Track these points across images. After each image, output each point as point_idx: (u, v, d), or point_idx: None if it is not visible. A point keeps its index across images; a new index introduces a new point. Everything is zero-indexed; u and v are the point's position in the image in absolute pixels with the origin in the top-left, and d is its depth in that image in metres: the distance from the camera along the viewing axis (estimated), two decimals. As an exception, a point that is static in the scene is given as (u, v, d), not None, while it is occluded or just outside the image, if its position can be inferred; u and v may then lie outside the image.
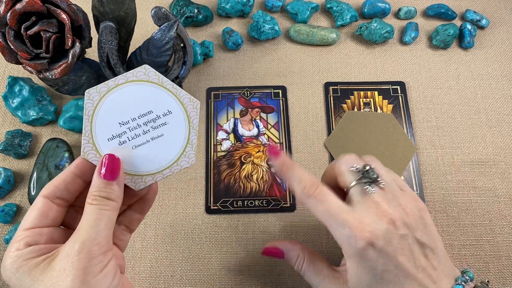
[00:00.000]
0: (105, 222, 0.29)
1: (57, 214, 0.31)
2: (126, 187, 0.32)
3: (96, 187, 0.30)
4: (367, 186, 0.33)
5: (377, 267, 0.31)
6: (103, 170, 0.30)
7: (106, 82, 0.32)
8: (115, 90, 0.32)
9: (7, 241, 0.44)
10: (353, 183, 0.34)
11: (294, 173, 0.35)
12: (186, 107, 0.34)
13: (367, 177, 0.33)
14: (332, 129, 0.52)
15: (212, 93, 0.54)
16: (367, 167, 0.34)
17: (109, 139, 0.32)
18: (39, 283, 0.27)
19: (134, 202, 0.35)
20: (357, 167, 0.34)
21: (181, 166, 0.34)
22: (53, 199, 0.31)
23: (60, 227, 0.32)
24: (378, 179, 0.33)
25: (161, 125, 0.33)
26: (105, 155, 0.31)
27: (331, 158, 0.50)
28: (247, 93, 0.54)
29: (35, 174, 0.47)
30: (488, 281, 0.35)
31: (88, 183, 0.31)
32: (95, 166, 0.31)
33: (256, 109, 0.53)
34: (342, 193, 0.36)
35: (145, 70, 0.32)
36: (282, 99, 0.54)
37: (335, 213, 0.32)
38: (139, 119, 0.33)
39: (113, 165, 0.31)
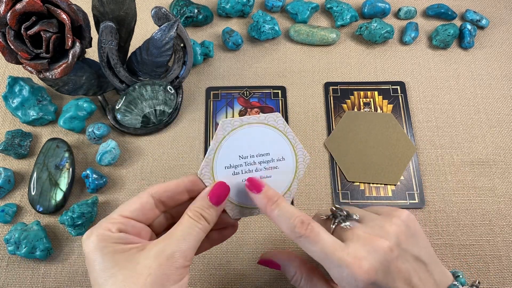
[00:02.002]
0: (196, 239, 0.30)
1: (153, 215, 0.33)
2: (222, 213, 0.34)
3: (200, 204, 0.32)
4: (343, 224, 0.32)
5: None
6: (211, 193, 0.33)
7: (241, 118, 0.36)
8: (245, 127, 0.36)
9: (7, 241, 0.44)
10: (332, 228, 0.33)
11: (282, 210, 0.32)
12: (298, 159, 0.37)
13: (338, 217, 0.33)
14: (332, 129, 0.52)
15: (212, 92, 0.54)
16: (333, 209, 0.34)
17: (226, 167, 0.35)
18: (119, 268, 0.28)
19: (211, 232, 0.35)
20: (323, 216, 0.34)
21: None
22: (157, 201, 0.32)
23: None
24: (350, 214, 0.33)
25: (272, 168, 0.37)
26: (219, 181, 0.34)
27: (331, 158, 0.50)
28: (246, 93, 0.54)
29: (35, 174, 0.47)
30: (478, 282, 0.35)
31: (190, 199, 0.33)
32: (205, 187, 0.34)
33: (255, 109, 0.53)
34: None
35: (275, 117, 0.36)
36: (282, 100, 0.54)
37: (330, 252, 0.30)
38: (256, 157, 0.36)
39: (221, 192, 0.33)
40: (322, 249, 0.30)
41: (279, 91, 0.54)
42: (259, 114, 0.52)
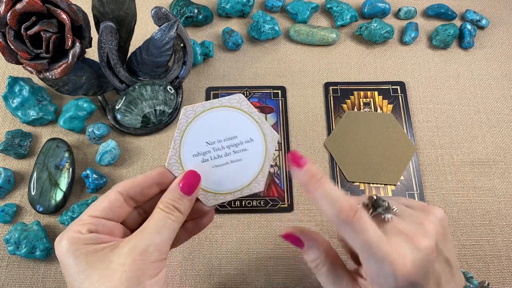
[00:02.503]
0: (170, 231, 0.30)
1: (123, 212, 0.32)
2: (196, 202, 0.33)
3: (171, 196, 0.31)
4: (384, 215, 0.30)
5: None
6: (182, 183, 0.32)
7: (202, 103, 0.35)
8: (208, 112, 0.36)
9: (7, 241, 0.44)
10: (371, 218, 0.30)
11: (326, 191, 0.30)
12: (266, 138, 0.36)
13: (380, 207, 0.30)
14: (332, 129, 0.52)
15: (212, 92, 0.54)
16: (374, 197, 0.31)
17: (194, 155, 0.35)
18: (94, 269, 0.28)
19: (187, 222, 0.35)
20: (364, 201, 0.31)
21: (251, 190, 0.36)
22: (126, 197, 0.32)
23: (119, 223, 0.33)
24: (391, 206, 0.31)
25: (241, 150, 0.36)
26: (189, 170, 0.33)
27: (331, 158, 0.50)
28: (246, 93, 0.54)
29: (35, 174, 0.47)
30: (488, 284, 0.35)
31: (161, 192, 0.32)
32: (175, 178, 0.33)
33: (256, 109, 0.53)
34: None
35: (239, 99, 0.36)
36: (282, 100, 0.54)
37: (376, 245, 0.28)
38: (224, 141, 0.36)
39: (192, 181, 0.32)
40: (367, 240, 0.28)
41: (279, 91, 0.54)
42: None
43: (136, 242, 0.28)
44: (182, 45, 0.50)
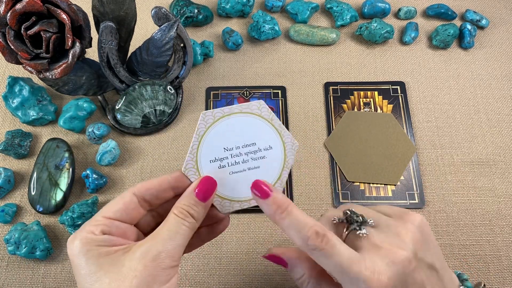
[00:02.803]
0: (183, 238, 0.29)
1: (137, 214, 0.32)
2: (211, 208, 0.33)
3: (186, 201, 0.31)
4: (359, 231, 0.30)
5: None
6: (198, 189, 0.31)
7: (222, 108, 0.34)
8: (227, 118, 0.35)
9: (7, 241, 0.44)
10: (345, 234, 0.30)
11: (292, 220, 0.29)
12: (286, 146, 0.36)
13: (354, 222, 0.30)
14: (332, 129, 0.52)
15: (212, 92, 0.54)
16: (347, 212, 0.31)
17: (211, 161, 0.34)
18: (104, 272, 0.27)
19: (202, 227, 0.34)
20: (336, 218, 0.31)
21: None
22: (140, 200, 0.31)
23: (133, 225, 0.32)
24: (365, 219, 0.30)
25: (260, 158, 0.35)
26: (205, 176, 0.33)
27: (331, 158, 0.50)
28: (246, 93, 0.54)
29: (35, 174, 0.47)
30: (484, 285, 0.35)
31: (176, 196, 0.32)
32: (191, 182, 0.33)
33: (256, 109, 0.53)
34: None
35: (259, 105, 0.35)
36: (282, 100, 0.54)
37: (347, 266, 0.28)
38: (242, 148, 0.35)
39: (208, 188, 0.32)
40: (338, 263, 0.28)
41: (279, 91, 0.54)
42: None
43: (149, 247, 0.28)
44: (182, 45, 0.50)
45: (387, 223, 0.31)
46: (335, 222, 0.31)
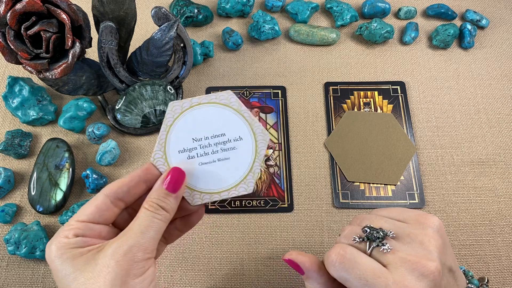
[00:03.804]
0: (155, 231, 0.30)
1: (111, 214, 0.32)
2: (182, 200, 0.33)
3: (156, 194, 0.31)
4: (382, 247, 0.29)
5: None
6: (166, 181, 0.32)
7: (190, 99, 0.34)
8: (196, 108, 0.34)
9: (7, 241, 0.44)
10: (368, 252, 0.29)
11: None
12: (257, 138, 0.35)
13: (375, 239, 0.29)
14: (332, 129, 0.52)
15: (212, 92, 0.54)
16: (366, 230, 0.30)
17: (180, 152, 0.34)
18: (80, 272, 0.28)
19: (176, 219, 0.35)
20: (356, 237, 0.30)
21: (239, 192, 0.35)
22: (113, 200, 0.32)
23: (109, 225, 0.33)
24: (385, 233, 0.29)
25: (230, 149, 0.35)
26: (173, 167, 0.33)
27: (331, 158, 0.50)
28: (246, 93, 0.54)
29: (35, 174, 0.47)
30: (487, 281, 0.35)
31: (149, 189, 0.32)
32: (161, 174, 0.33)
33: (255, 109, 0.53)
34: None
35: (228, 95, 0.35)
36: (282, 100, 0.54)
37: (372, 279, 0.27)
38: (211, 138, 0.35)
39: (177, 179, 0.32)
40: (362, 276, 0.27)
41: (279, 91, 0.54)
42: (258, 113, 0.52)
43: (120, 243, 0.28)
44: (182, 45, 0.50)
45: (407, 232, 0.30)
46: (355, 241, 0.30)
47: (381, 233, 0.29)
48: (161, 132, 0.34)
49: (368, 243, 0.29)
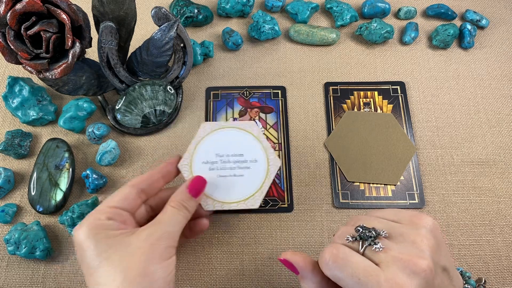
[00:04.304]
0: (180, 225, 0.36)
1: (135, 204, 0.37)
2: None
3: (180, 196, 0.37)
4: (374, 246, 0.29)
5: None
6: (190, 187, 0.38)
7: (219, 122, 0.44)
8: (224, 130, 0.42)
9: (7, 241, 0.44)
10: (361, 251, 0.30)
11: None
12: (270, 162, 0.42)
13: (368, 238, 0.30)
14: (332, 129, 0.52)
15: (212, 92, 0.54)
16: (359, 229, 0.31)
17: (203, 162, 0.41)
18: (114, 251, 0.32)
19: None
20: (349, 237, 0.31)
21: (247, 205, 0.42)
22: (138, 191, 0.37)
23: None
24: (378, 232, 0.30)
25: (245, 168, 0.42)
26: (198, 175, 0.39)
27: (331, 158, 0.50)
28: (246, 93, 0.54)
29: (35, 174, 0.47)
30: (485, 281, 0.35)
31: (165, 183, 0.40)
32: (179, 173, 0.41)
33: (255, 109, 0.53)
34: None
35: (251, 125, 0.43)
36: (282, 100, 0.54)
37: (364, 277, 0.27)
38: (232, 156, 0.42)
39: (199, 186, 0.39)
40: (354, 274, 0.28)
41: (279, 91, 0.54)
42: (258, 113, 0.52)
43: (153, 230, 0.34)
44: (182, 45, 0.50)
45: (400, 232, 0.30)
46: (348, 241, 0.30)
47: (374, 233, 0.30)
48: (191, 144, 0.42)
49: (361, 242, 0.30)
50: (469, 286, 0.33)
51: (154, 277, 0.32)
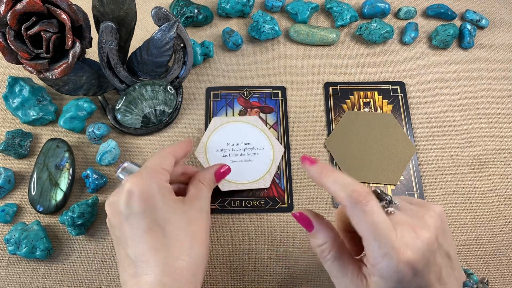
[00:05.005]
0: (209, 196, 0.41)
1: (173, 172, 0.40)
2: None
3: (209, 177, 0.42)
4: (388, 208, 0.31)
5: (410, 286, 0.30)
6: (217, 174, 0.43)
7: (228, 117, 0.51)
8: (233, 123, 0.50)
9: (8, 241, 0.44)
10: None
11: (338, 177, 0.32)
12: (274, 149, 0.50)
13: (384, 199, 0.32)
14: (332, 129, 0.52)
15: (212, 92, 0.54)
16: (378, 191, 0.33)
17: (216, 150, 0.49)
18: (176, 215, 0.35)
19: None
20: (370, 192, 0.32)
21: (258, 185, 0.48)
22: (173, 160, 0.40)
23: None
24: (392, 200, 0.32)
25: (254, 154, 0.49)
26: (226, 165, 0.44)
27: (331, 158, 0.50)
28: (246, 93, 0.54)
29: (35, 174, 0.47)
30: (487, 280, 0.35)
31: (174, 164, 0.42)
32: (186, 157, 0.48)
33: (255, 109, 0.53)
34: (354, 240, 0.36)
35: (256, 119, 0.51)
36: (282, 100, 0.54)
37: (381, 228, 0.29)
38: (241, 145, 0.49)
39: (223, 174, 0.44)
40: (374, 223, 0.30)
41: (279, 91, 0.54)
42: (258, 113, 0.52)
43: (202, 204, 0.38)
44: (182, 45, 0.50)
45: (410, 208, 0.32)
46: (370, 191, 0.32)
47: (389, 197, 0.32)
48: (204, 136, 0.49)
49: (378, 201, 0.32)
50: (471, 280, 0.33)
51: (208, 247, 0.37)
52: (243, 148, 0.49)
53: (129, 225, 0.34)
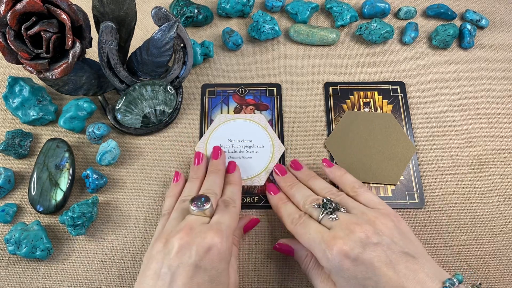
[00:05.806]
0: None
1: None
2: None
3: (238, 234, 0.44)
4: (331, 216, 0.38)
5: (356, 276, 0.34)
6: (245, 228, 0.45)
7: (232, 115, 0.51)
8: (236, 120, 0.51)
9: (8, 241, 0.44)
10: (320, 217, 0.39)
11: (287, 209, 0.42)
12: (274, 147, 0.50)
13: (327, 208, 0.39)
14: (332, 129, 0.52)
15: (207, 89, 0.54)
16: (324, 200, 0.40)
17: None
18: (230, 262, 0.39)
19: None
20: (316, 204, 0.40)
21: (253, 182, 0.48)
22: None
23: None
24: (338, 207, 0.39)
25: (253, 152, 0.49)
26: (253, 217, 0.46)
27: (331, 158, 0.50)
28: (241, 90, 0.54)
29: (35, 174, 0.47)
30: (480, 284, 0.36)
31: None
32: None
33: (250, 107, 0.53)
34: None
35: (259, 117, 0.51)
36: (277, 97, 0.54)
37: (314, 234, 0.37)
38: (241, 142, 0.50)
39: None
40: (309, 233, 0.38)
41: (274, 89, 0.54)
42: (253, 111, 0.53)
43: (233, 263, 0.40)
44: (182, 45, 0.50)
45: (363, 211, 0.38)
46: (314, 206, 0.40)
47: (333, 205, 0.39)
48: (207, 131, 0.50)
49: (322, 210, 0.39)
50: (453, 279, 0.33)
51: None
52: (243, 145, 0.49)
53: (187, 272, 0.35)
